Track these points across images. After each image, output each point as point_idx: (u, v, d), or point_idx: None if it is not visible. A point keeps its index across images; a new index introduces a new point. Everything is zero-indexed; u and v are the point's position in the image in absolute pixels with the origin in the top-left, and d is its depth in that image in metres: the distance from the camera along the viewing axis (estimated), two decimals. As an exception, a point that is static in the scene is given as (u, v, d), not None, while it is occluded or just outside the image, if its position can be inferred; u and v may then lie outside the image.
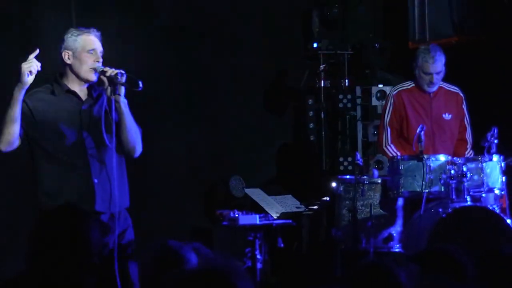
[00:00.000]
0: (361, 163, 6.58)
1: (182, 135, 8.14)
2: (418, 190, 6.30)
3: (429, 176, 6.28)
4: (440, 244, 3.63)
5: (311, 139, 8.49)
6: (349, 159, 8.25)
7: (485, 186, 6.30)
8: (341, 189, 6.67)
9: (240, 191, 7.97)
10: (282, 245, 7.33)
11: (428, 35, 8.02)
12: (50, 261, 2.99)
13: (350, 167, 8.16)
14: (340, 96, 8.43)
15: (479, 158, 6.33)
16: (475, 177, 6.29)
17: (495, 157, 6.31)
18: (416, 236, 6.23)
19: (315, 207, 7.64)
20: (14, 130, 5.03)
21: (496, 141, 6.27)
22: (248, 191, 7.81)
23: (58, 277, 2.98)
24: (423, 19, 8.07)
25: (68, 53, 5.16)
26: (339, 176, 6.93)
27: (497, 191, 6.35)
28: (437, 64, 6.57)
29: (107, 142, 5.10)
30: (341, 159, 8.34)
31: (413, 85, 6.74)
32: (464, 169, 6.24)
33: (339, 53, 8.60)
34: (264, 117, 8.50)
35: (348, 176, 6.88)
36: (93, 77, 5.16)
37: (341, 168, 8.28)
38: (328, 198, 7.32)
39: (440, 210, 6.23)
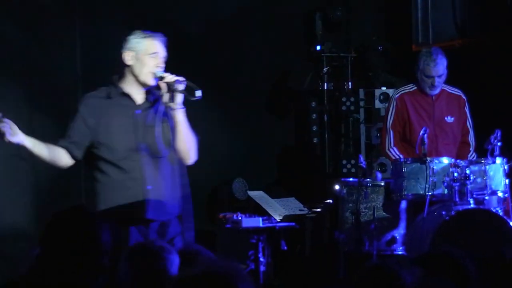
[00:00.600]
0: (364, 166, 6.57)
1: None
2: (421, 192, 6.29)
3: (432, 179, 6.27)
4: (443, 247, 3.62)
5: (314, 141, 8.49)
6: (352, 161, 8.25)
7: (488, 188, 6.28)
8: (344, 191, 6.66)
9: (243, 193, 7.97)
10: (285, 247, 7.33)
11: (431, 38, 8.02)
12: (60, 260, 3.00)
13: (353, 170, 8.16)
14: (343, 99, 8.44)
15: (483, 161, 6.31)
16: (478, 180, 6.28)
17: (499, 160, 6.31)
18: (419, 239, 6.22)
19: (318, 209, 7.63)
20: (46, 157, 4.95)
21: (499, 143, 6.26)
22: (251, 193, 7.81)
23: (66, 277, 2.99)
24: (426, 22, 8.08)
25: (130, 53, 5.05)
26: (342, 179, 6.92)
27: (500, 194, 6.34)
28: (439, 67, 6.57)
29: (161, 149, 5.03)
30: (344, 161, 8.34)
31: (416, 88, 6.73)
32: (467, 171, 6.23)
33: (342, 56, 8.61)
34: (267, 120, 8.51)
35: (351, 179, 6.87)
36: (152, 81, 5.05)
37: (344, 170, 8.29)
38: (331, 201, 7.32)
39: (443, 212, 6.22)
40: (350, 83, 8.59)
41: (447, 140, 6.69)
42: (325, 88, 8.54)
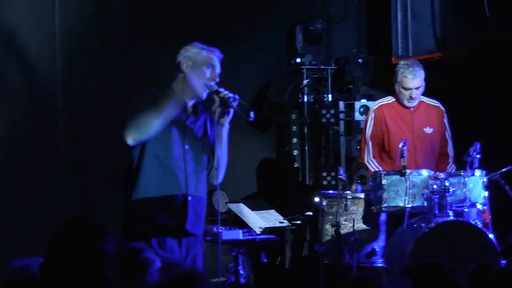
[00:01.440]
0: (344, 178, 6.57)
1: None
2: (401, 205, 6.30)
3: (412, 191, 6.28)
4: (432, 258, 3.62)
5: (294, 153, 8.49)
6: (332, 174, 8.26)
7: (467, 201, 6.30)
8: (324, 204, 6.66)
9: (222, 206, 7.95)
10: (265, 260, 7.32)
11: (411, 51, 8.05)
12: (65, 269, 3.01)
13: (333, 182, 8.17)
14: (324, 111, 8.44)
15: (462, 173, 6.33)
16: (458, 192, 6.30)
17: (478, 172, 6.32)
18: (399, 251, 6.22)
19: (298, 222, 7.63)
20: (153, 128, 4.88)
21: (478, 156, 6.28)
22: (231, 206, 7.79)
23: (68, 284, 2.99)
24: (406, 35, 8.11)
25: (188, 62, 5.07)
26: (322, 191, 6.92)
27: (479, 206, 6.35)
28: (416, 79, 6.58)
29: (204, 162, 5.05)
30: (324, 173, 8.35)
31: (394, 100, 6.75)
32: (447, 184, 6.24)
33: (322, 68, 8.63)
34: (247, 132, 8.50)
35: (331, 191, 6.88)
36: (203, 94, 5.07)
37: (324, 183, 8.29)
38: (311, 213, 7.31)
39: (423, 225, 6.23)
40: (330, 96, 8.61)
41: (426, 151, 6.70)
42: (305, 100, 8.55)
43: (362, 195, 6.65)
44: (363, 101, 8.49)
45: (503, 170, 6.43)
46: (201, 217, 5.09)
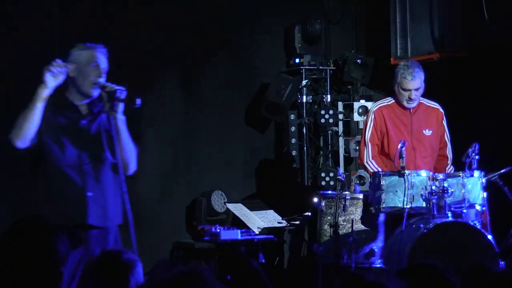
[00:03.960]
0: (342, 179, 6.59)
1: (164, 149, 8.13)
2: (399, 205, 6.30)
3: (410, 192, 6.28)
4: (427, 260, 3.63)
5: (293, 154, 8.49)
6: (331, 174, 8.26)
7: (466, 202, 6.30)
8: (323, 204, 6.66)
9: (221, 206, 7.96)
10: (263, 260, 7.32)
11: (409, 51, 8.05)
12: (17, 270, 3.01)
13: (331, 183, 8.17)
14: (322, 112, 8.45)
15: (460, 174, 6.33)
16: (456, 193, 6.30)
17: (476, 173, 6.33)
18: (398, 252, 6.23)
19: (297, 222, 7.63)
20: (28, 127, 5.08)
21: (477, 157, 6.29)
22: (230, 206, 7.80)
23: (23, 286, 2.99)
24: (405, 36, 8.11)
25: (72, 66, 5.22)
26: (321, 192, 6.93)
27: (478, 207, 6.36)
28: (416, 80, 6.59)
29: (103, 158, 5.21)
30: (322, 174, 8.35)
31: (393, 101, 6.76)
32: (446, 184, 6.25)
33: (321, 69, 8.62)
34: (246, 132, 8.50)
35: (329, 192, 6.89)
36: (94, 92, 5.24)
37: (323, 183, 8.29)
38: (309, 213, 7.32)
39: (422, 225, 6.24)
40: (329, 96, 8.61)
41: (425, 153, 6.71)
42: (304, 100, 8.55)
43: (360, 196, 6.65)
44: (362, 101, 8.50)
45: (502, 171, 6.43)
46: (108, 209, 5.24)
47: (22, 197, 6.45)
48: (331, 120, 8.45)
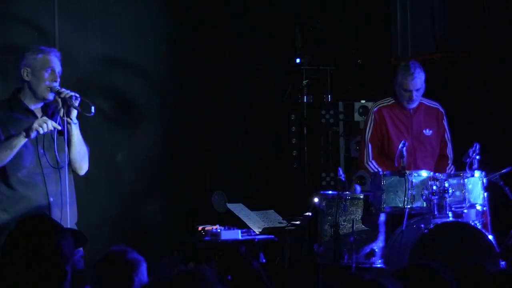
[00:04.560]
0: (343, 179, 6.57)
1: (164, 149, 8.13)
2: (400, 205, 6.30)
3: (411, 192, 6.28)
4: (423, 260, 3.62)
5: (294, 154, 8.48)
6: (331, 174, 8.26)
7: (467, 202, 6.30)
8: (324, 204, 6.66)
9: (222, 206, 7.95)
10: (264, 260, 7.31)
11: (410, 51, 8.06)
12: (22, 269, 3.01)
13: (332, 183, 8.16)
14: (323, 112, 8.44)
15: (461, 174, 6.33)
16: (457, 193, 6.30)
17: (477, 173, 6.33)
18: (398, 252, 6.22)
19: (298, 222, 7.62)
20: (3, 160, 5.21)
21: (478, 157, 6.28)
22: (230, 206, 7.79)
23: (28, 285, 2.99)
24: (406, 35, 8.11)
25: (27, 70, 5.34)
26: (321, 192, 6.92)
27: (478, 207, 6.36)
28: (417, 81, 6.58)
29: (59, 161, 5.31)
30: (323, 174, 8.34)
31: (394, 101, 6.75)
32: (446, 185, 6.24)
33: (321, 69, 8.61)
34: (246, 132, 8.50)
35: (330, 192, 6.87)
36: (49, 96, 5.35)
37: (324, 183, 8.28)
38: (310, 214, 7.31)
39: (422, 225, 6.23)
40: (329, 96, 8.60)
41: (425, 153, 6.71)
42: (305, 100, 8.54)
43: (361, 196, 6.64)
44: (363, 101, 8.48)
45: (503, 171, 6.42)
46: (66, 211, 5.32)
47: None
48: (331, 120, 8.45)
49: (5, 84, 7.21)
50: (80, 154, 5.40)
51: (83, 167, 5.47)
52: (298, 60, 8.58)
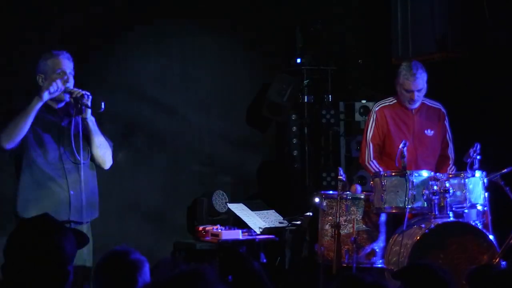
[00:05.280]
0: (344, 179, 6.57)
1: (165, 149, 8.13)
2: (401, 205, 6.29)
3: (412, 192, 6.27)
4: (422, 260, 3.63)
5: (294, 154, 8.49)
6: (332, 174, 8.26)
7: (467, 202, 6.30)
8: (324, 204, 6.65)
9: (223, 206, 7.96)
10: (264, 260, 7.32)
11: (411, 51, 8.05)
12: (25, 269, 3.01)
13: (333, 183, 8.16)
14: (323, 112, 8.45)
15: (462, 174, 6.33)
16: (458, 193, 6.29)
17: (478, 173, 6.32)
18: (399, 252, 6.22)
19: (298, 222, 7.63)
20: (20, 134, 5.40)
21: (478, 157, 6.28)
22: (231, 206, 7.81)
23: (31, 285, 2.99)
24: (406, 36, 8.11)
25: (41, 76, 5.55)
26: (322, 192, 6.91)
27: (479, 207, 6.35)
28: (418, 81, 6.58)
29: (78, 158, 5.50)
30: (324, 174, 8.35)
31: (395, 101, 6.75)
32: (447, 185, 6.24)
33: (322, 69, 8.62)
34: (247, 132, 8.50)
35: (331, 192, 6.87)
36: (65, 96, 5.55)
37: (324, 183, 8.29)
38: (311, 214, 7.31)
39: (423, 225, 6.23)
40: (330, 96, 8.61)
41: (426, 153, 6.71)
42: (305, 101, 8.55)
43: (362, 196, 6.64)
44: (363, 101, 8.49)
45: (503, 171, 6.41)
46: (85, 206, 5.54)
47: (3, 194, 6.48)
48: (332, 120, 8.46)
49: (5, 83, 7.23)
50: (101, 149, 5.62)
51: (106, 162, 5.69)
52: (298, 60, 8.59)
